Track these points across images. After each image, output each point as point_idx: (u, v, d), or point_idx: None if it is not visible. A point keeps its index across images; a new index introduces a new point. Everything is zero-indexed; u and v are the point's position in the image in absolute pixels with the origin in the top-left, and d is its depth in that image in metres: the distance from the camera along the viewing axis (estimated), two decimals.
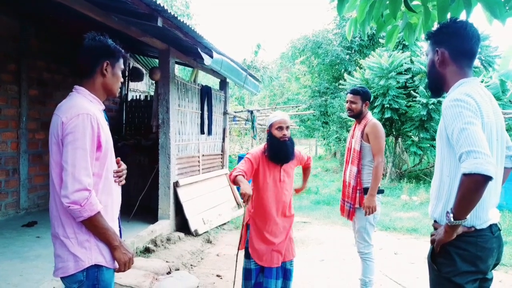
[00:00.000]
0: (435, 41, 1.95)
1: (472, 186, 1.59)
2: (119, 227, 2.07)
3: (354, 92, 3.66)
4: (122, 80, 2.08)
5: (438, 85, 2.01)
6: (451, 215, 1.70)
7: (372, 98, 3.81)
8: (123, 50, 2.03)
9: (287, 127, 3.10)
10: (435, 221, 1.96)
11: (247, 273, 3.15)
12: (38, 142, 6.28)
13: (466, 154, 1.61)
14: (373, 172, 3.48)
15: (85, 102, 1.87)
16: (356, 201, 3.54)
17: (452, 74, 1.91)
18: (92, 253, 1.81)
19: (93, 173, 1.80)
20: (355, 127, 3.73)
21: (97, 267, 1.83)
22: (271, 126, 3.13)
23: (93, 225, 1.78)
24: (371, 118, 3.60)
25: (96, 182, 1.83)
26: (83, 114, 1.77)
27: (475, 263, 1.78)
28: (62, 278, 1.86)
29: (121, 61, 2.03)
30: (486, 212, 1.80)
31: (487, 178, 1.56)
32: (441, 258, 1.84)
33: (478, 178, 1.56)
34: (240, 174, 2.91)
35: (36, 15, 5.89)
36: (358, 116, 3.66)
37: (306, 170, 3.62)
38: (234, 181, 2.91)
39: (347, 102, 3.72)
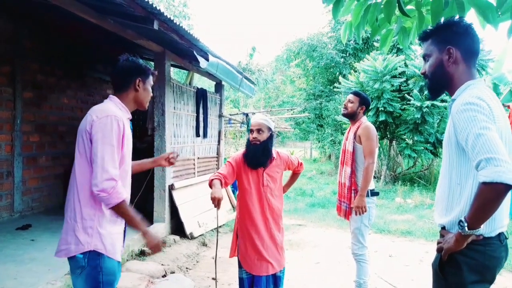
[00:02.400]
0: (443, 39, 1.86)
1: (493, 196, 1.53)
2: (124, 229, 2.23)
3: (355, 93, 3.76)
4: (151, 94, 2.33)
5: (443, 86, 1.94)
6: (466, 224, 1.63)
7: (370, 104, 3.87)
8: (152, 68, 2.31)
9: (259, 130, 3.00)
10: (443, 228, 1.88)
11: (240, 283, 3.09)
12: (32, 145, 6.25)
13: (486, 161, 1.53)
14: (363, 173, 3.53)
15: (115, 108, 2.11)
16: (351, 201, 3.59)
17: (461, 74, 1.86)
18: (93, 240, 1.99)
19: None
20: (349, 130, 3.79)
21: (98, 254, 2.00)
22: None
23: (121, 212, 2.02)
24: (364, 121, 3.68)
25: None
26: (111, 116, 2.01)
27: (482, 272, 1.73)
28: (69, 260, 2.03)
29: (151, 77, 2.30)
30: (496, 220, 1.74)
31: (508, 187, 1.49)
32: (448, 267, 1.78)
33: (499, 187, 1.50)
34: (216, 178, 2.89)
35: (30, 17, 5.88)
36: (351, 116, 3.73)
37: (294, 175, 3.49)
38: (210, 185, 2.87)
39: (346, 100, 3.78)
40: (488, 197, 1.53)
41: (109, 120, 1.99)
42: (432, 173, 12.41)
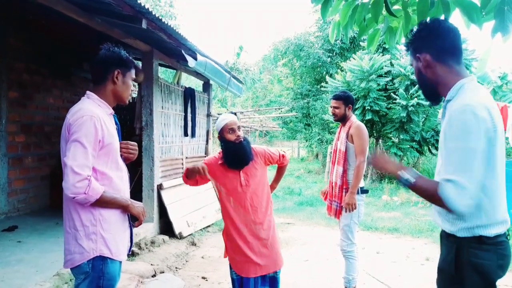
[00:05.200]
0: (414, 48, 1.87)
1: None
2: (130, 227, 2.22)
3: (335, 97, 3.79)
4: (132, 88, 2.20)
5: (432, 91, 1.89)
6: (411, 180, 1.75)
7: (354, 101, 3.93)
8: (135, 61, 2.18)
9: (239, 127, 2.87)
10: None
11: (232, 283, 3.03)
12: (18, 145, 6.16)
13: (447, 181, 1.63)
14: (354, 171, 3.60)
15: (92, 106, 2.02)
16: (342, 200, 3.65)
17: (444, 75, 1.80)
18: (98, 245, 1.98)
19: (98, 170, 1.98)
20: (340, 130, 3.85)
21: (102, 259, 1.99)
22: (222, 131, 2.88)
23: (104, 203, 1.97)
24: (355, 120, 3.74)
25: (101, 178, 2.00)
26: (87, 116, 1.93)
27: (497, 273, 1.72)
28: (71, 269, 2.02)
29: (133, 71, 2.18)
30: (497, 215, 1.73)
31: None
32: (464, 270, 1.73)
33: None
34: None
35: (17, 16, 5.79)
36: (342, 120, 3.80)
37: (279, 169, 3.30)
38: (187, 174, 2.83)
39: (331, 107, 3.83)
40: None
41: (84, 120, 1.92)
42: (418, 171, 12.58)
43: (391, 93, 11.11)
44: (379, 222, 7.11)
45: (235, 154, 2.83)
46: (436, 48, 1.80)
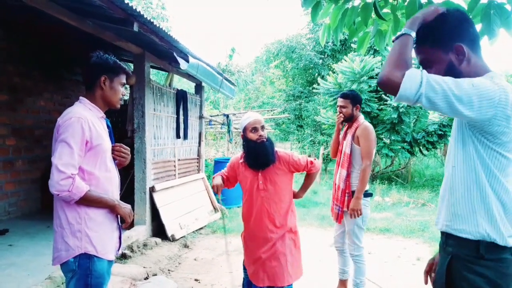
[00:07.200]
0: (445, 37, 1.57)
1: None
2: (119, 228, 2.27)
3: (343, 96, 3.62)
4: (124, 93, 2.26)
5: None
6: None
7: (362, 100, 3.77)
8: (125, 67, 2.26)
9: (263, 127, 2.80)
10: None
11: (243, 281, 3.03)
12: (8, 149, 6.12)
13: None
14: (360, 175, 3.46)
15: (82, 110, 2.11)
16: (344, 204, 3.55)
17: (477, 69, 1.57)
18: (82, 243, 2.03)
19: (85, 170, 2.05)
20: (347, 130, 3.70)
21: (88, 257, 2.04)
22: (245, 129, 2.82)
23: (88, 201, 2.04)
24: (362, 121, 3.58)
25: (88, 178, 2.06)
26: (75, 118, 2.01)
27: None
28: (61, 267, 2.09)
29: (122, 76, 2.24)
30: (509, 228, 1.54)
31: None
32: (456, 285, 1.58)
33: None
34: (218, 175, 2.96)
35: (7, 18, 5.76)
36: (349, 120, 3.63)
37: (307, 177, 3.14)
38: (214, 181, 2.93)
39: (338, 107, 3.67)
40: None
41: (71, 121, 2.00)
42: (409, 171, 12.69)
43: (382, 95, 11.19)
44: (371, 222, 7.15)
45: (256, 154, 2.76)
46: (471, 37, 1.59)
